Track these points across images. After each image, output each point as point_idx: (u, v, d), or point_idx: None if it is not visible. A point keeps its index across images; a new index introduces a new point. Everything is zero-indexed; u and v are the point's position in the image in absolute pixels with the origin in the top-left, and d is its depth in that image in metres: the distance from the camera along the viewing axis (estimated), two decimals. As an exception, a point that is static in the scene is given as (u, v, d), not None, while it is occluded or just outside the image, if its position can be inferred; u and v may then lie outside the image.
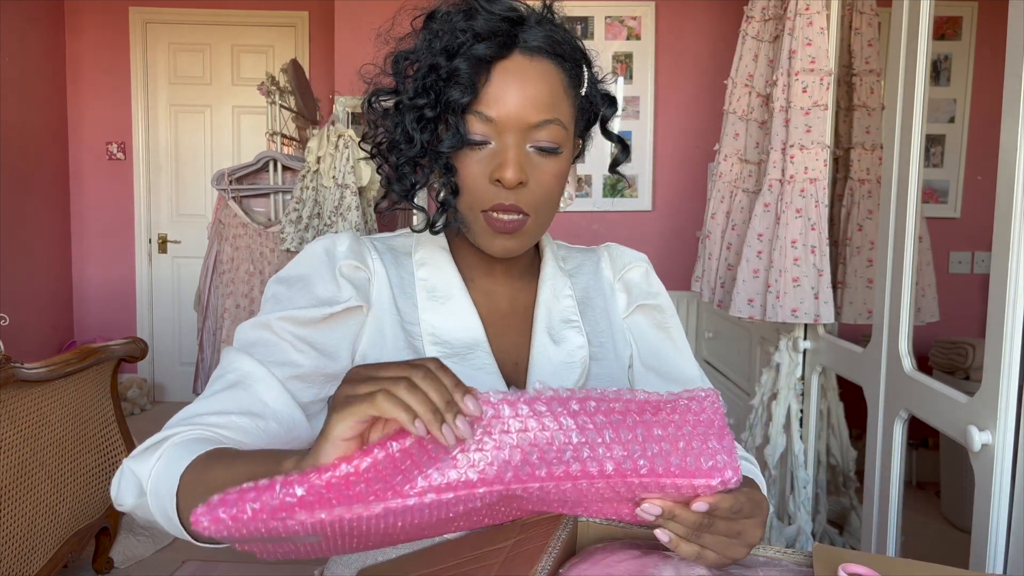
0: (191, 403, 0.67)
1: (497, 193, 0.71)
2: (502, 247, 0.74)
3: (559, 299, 0.83)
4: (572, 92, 0.75)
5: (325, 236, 0.79)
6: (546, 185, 0.73)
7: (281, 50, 4.15)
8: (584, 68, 0.77)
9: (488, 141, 0.71)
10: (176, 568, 2.26)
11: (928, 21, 1.42)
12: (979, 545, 1.19)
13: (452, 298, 0.78)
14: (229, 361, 0.70)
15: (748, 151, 2.11)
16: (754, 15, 2.07)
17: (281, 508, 0.44)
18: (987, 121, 3.00)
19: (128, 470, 0.62)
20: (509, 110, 0.70)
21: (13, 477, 1.74)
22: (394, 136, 0.74)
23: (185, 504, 0.56)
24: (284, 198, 3.07)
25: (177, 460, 0.58)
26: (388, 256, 0.81)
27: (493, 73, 0.70)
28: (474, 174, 0.72)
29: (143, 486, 0.60)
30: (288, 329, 0.71)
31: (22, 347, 3.22)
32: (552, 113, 0.71)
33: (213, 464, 0.56)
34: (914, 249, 1.47)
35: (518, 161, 0.70)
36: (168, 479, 0.57)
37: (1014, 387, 1.12)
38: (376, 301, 0.77)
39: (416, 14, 0.74)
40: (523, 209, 0.72)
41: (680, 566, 0.58)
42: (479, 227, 0.74)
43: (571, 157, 0.77)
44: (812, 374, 1.98)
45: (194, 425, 0.63)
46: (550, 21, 0.75)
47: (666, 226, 3.25)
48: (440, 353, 0.75)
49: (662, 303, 0.88)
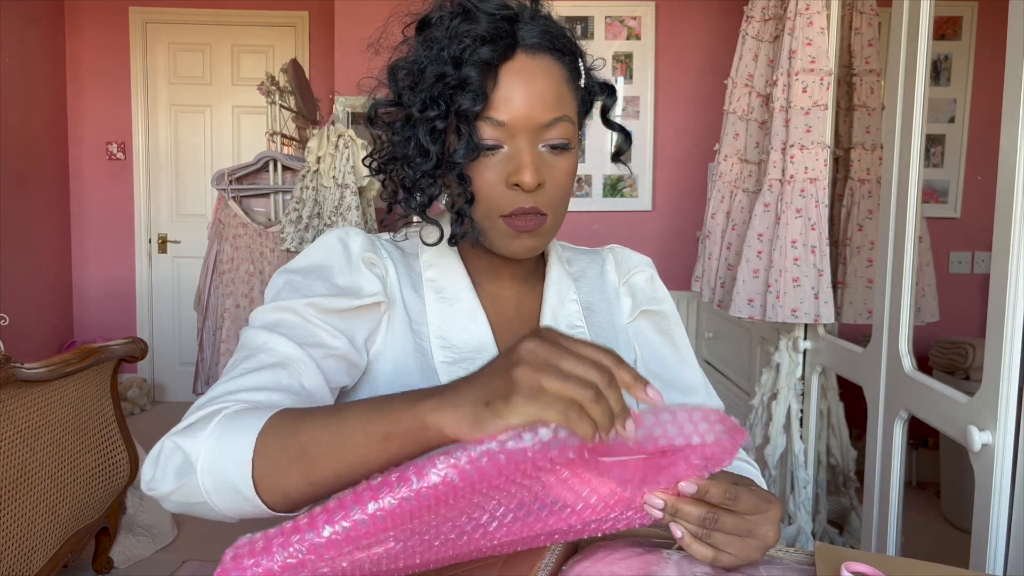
0: (216, 384, 0.62)
1: (516, 197, 0.70)
2: (523, 247, 0.73)
3: (564, 304, 0.83)
4: (574, 85, 0.74)
5: (336, 229, 0.78)
6: (561, 183, 0.73)
7: (281, 50, 4.15)
8: (579, 59, 0.76)
9: (501, 145, 0.70)
10: (176, 568, 2.26)
11: (928, 21, 1.42)
12: (979, 545, 1.19)
13: (460, 300, 0.78)
14: (259, 340, 0.66)
15: (748, 151, 2.12)
16: (754, 15, 2.08)
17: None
18: (987, 121, 3.00)
19: (172, 446, 0.56)
20: (519, 112, 0.69)
21: (13, 477, 1.74)
22: (407, 151, 0.72)
23: (264, 472, 0.52)
24: (284, 198, 3.07)
25: (242, 430, 0.54)
26: (396, 255, 0.80)
27: (500, 76, 0.68)
28: (490, 180, 0.70)
29: (192, 463, 0.54)
30: (314, 314, 0.69)
31: (22, 347, 3.22)
32: (560, 110, 0.70)
33: (300, 425, 0.52)
34: (914, 249, 1.47)
35: (534, 163, 0.69)
36: (234, 450, 0.53)
37: (1014, 387, 1.12)
38: (393, 298, 0.76)
39: (407, 21, 0.72)
40: (542, 210, 0.71)
41: (682, 564, 0.58)
42: (498, 232, 0.72)
43: (578, 150, 0.76)
44: (812, 374, 1.98)
45: (237, 401, 0.58)
46: (541, 15, 0.73)
47: (666, 226, 3.25)
48: (447, 358, 0.74)
49: (666, 309, 0.88)
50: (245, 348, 0.66)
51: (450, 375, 0.73)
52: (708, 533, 0.56)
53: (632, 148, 3.84)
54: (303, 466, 0.51)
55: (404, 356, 0.74)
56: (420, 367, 0.74)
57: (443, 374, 0.73)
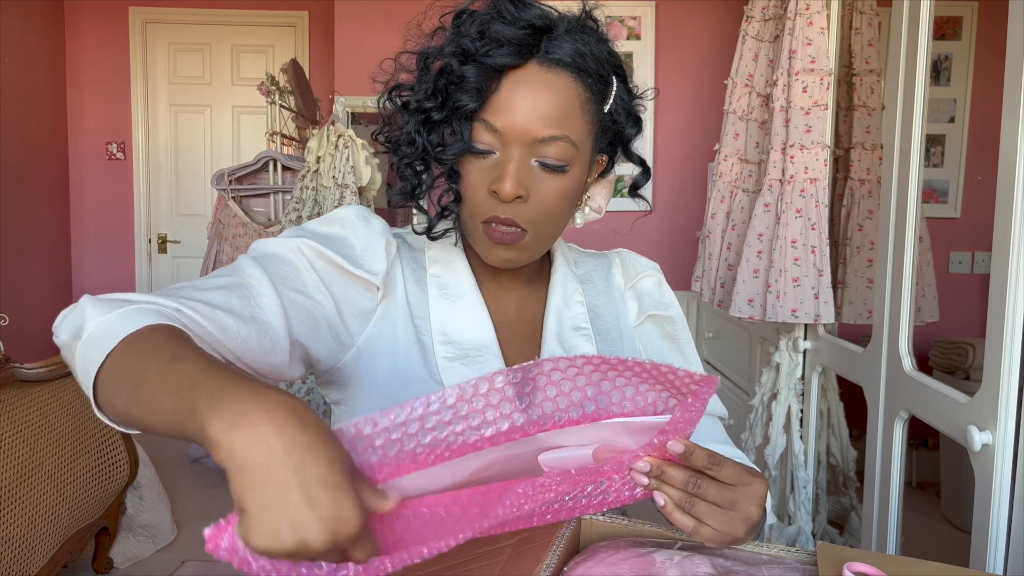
0: (185, 282, 0.63)
1: (494, 205, 0.69)
2: (499, 258, 0.73)
3: (569, 306, 0.83)
4: (591, 108, 0.71)
5: (353, 205, 0.77)
6: (548, 202, 0.71)
7: (281, 50, 4.15)
8: (614, 83, 0.73)
9: (493, 151, 0.69)
10: (176, 568, 2.26)
11: (928, 21, 1.42)
12: (979, 545, 1.20)
13: (464, 297, 0.78)
14: (240, 266, 0.66)
15: (748, 151, 2.12)
16: (754, 15, 2.08)
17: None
18: (987, 121, 3.00)
19: (81, 307, 0.55)
20: (516, 122, 0.67)
21: (13, 477, 1.74)
22: (399, 136, 0.73)
23: (105, 373, 0.51)
24: (284, 198, 3.07)
25: (129, 324, 0.52)
26: (404, 248, 0.80)
27: (504, 82, 0.67)
28: (475, 183, 0.70)
29: (83, 329, 0.53)
30: (311, 257, 0.68)
31: (22, 347, 3.21)
32: (561, 130, 0.68)
33: (148, 355, 0.49)
34: (914, 249, 1.47)
35: (517, 175, 0.68)
36: (108, 337, 0.51)
37: (1014, 387, 1.12)
38: (392, 289, 0.76)
39: (447, 10, 0.72)
40: (520, 224, 0.70)
41: (684, 564, 0.58)
42: (478, 236, 0.72)
43: (582, 174, 0.73)
44: (812, 374, 1.98)
45: (176, 299, 0.57)
46: (582, 30, 0.71)
47: (666, 226, 3.25)
48: (449, 353, 0.75)
49: (673, 314, 0.88)
50: (228, 267, 0.67)
51: (451, 370, 0.73)
52: (691, 503, 0.57)
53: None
54: (127, 395, 0.49)
55: (406, 347, 0.74)
56: (422, 359, 0.74)
57: (444, 369, 0.74)
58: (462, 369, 0.74)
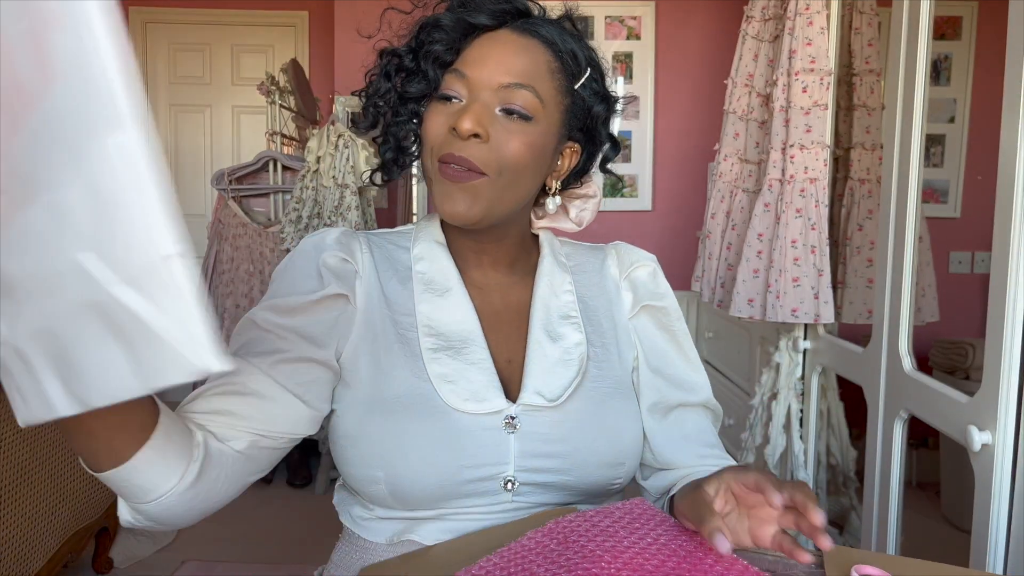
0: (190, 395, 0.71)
1: (452, 142, 0.71)
2: (453, 209, 0.72)
3: (558, 295, 0.83)
4: (561, 78, 0.75)
5: (317, 231, 0.80)
6: (508, 148, 0.71)
7: (281, 50, 4.15)
8: (588, 71, 0.77)
9: (459, 98, 0.73)
10: (176, 568, 2.26)
11: (928, 21, 1.42)
12: (979, 545, 1.20)
13: (450, 291, 0.79)
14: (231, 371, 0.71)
15: (748, 151, 2.12)
16: (754, 15, 2.07)
17: None
18: (987, 121, 3.00)
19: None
20: (483, 70, 0.72)
21: (13, 477, 1.74)
22: (376, 78, 0.77)
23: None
24: (284, 198, 3.07)
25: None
26: (382, 250, 0.81)
27: (477, 41, 0.73)
28: (437, 123, 0.73)
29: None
30: (270, 319, 0.71)
31: (22, 347, 3.21)
32: (527, 79, 0.72)
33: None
34: (914, 249, 1.47)
35: (476, 113, 0.70)
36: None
37: (1014, 387, 1.12)
38: (363, 293, 0.77)
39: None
40: (477, 166, 0.70)
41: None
42: (436, 181, 0.74)
43: (548, 138, 0.75)
44: (812, 374, 1.98)
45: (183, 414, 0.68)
46: (560, 23, 0.77)
47: (666, 226, 3.25)
48: (434, 344, 0.75)
49: (668, 305, 0.87)
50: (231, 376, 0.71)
51: (434, 360, 0.74)
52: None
53: (632, 148, 3.80)
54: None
55: (388, 345, 0.75)
56: (405, 354, 0.75)
57: (428, 359, 0.74)
58: (448, 360, 0.74)
